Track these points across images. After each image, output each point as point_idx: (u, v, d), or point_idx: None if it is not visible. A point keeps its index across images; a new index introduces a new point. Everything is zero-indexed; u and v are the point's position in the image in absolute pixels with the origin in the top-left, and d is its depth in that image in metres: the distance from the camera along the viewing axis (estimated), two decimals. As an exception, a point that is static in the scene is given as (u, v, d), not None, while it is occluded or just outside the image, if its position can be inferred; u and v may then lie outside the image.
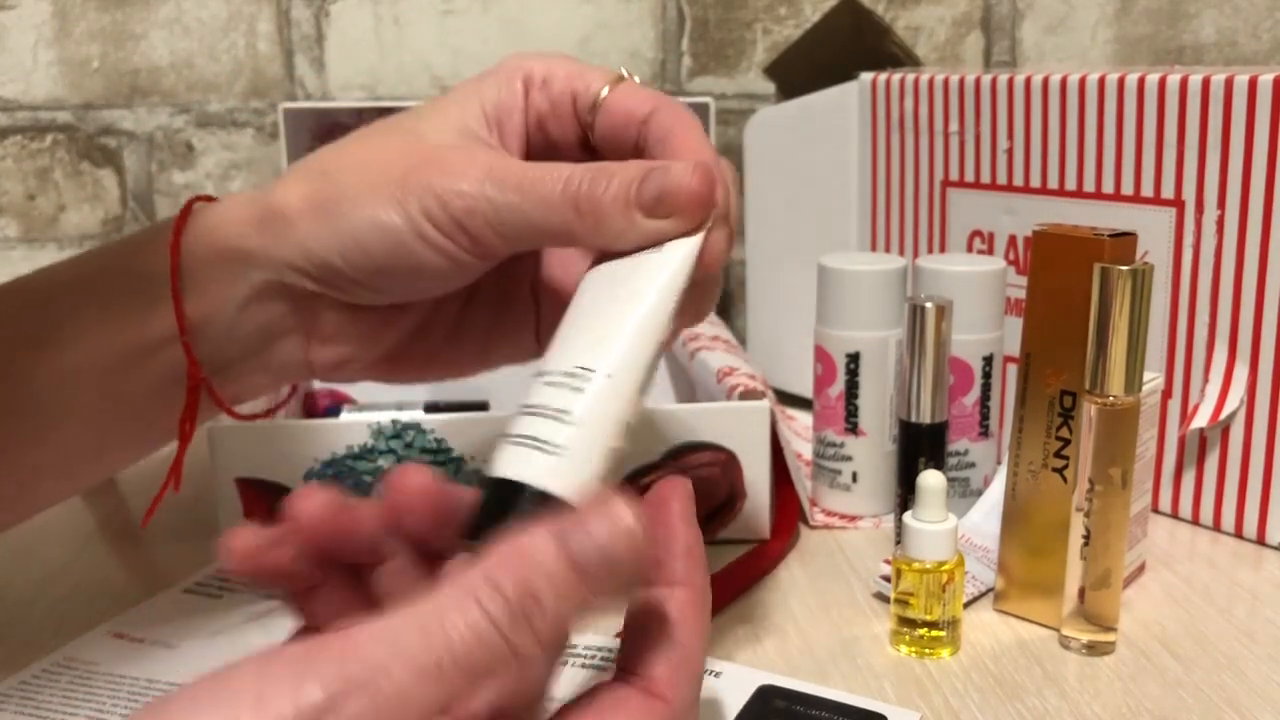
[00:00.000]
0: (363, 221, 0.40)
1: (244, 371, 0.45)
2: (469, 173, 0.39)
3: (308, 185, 0.41)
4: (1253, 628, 0.50)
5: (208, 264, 0.42)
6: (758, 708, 0.42)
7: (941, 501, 0.47)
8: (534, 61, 0.44)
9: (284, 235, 0.41)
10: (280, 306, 0.43)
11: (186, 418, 0.44)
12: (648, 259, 0.37)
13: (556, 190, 0.38)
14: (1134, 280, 0.44)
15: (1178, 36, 0.91)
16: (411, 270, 0.40)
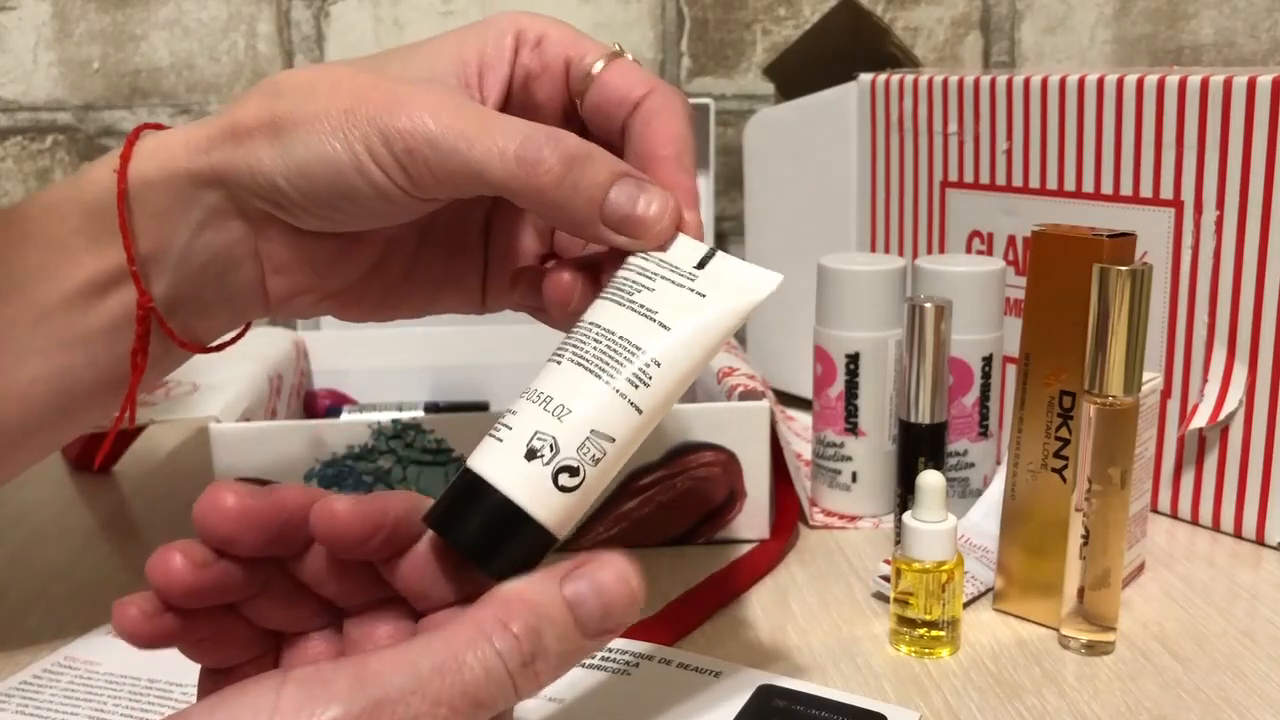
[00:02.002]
0: (307, 147, 0.39)
1: (202, 306, 0.44)
2: (417, 111, 0.38)
3: (262, 104, 0.40)
4: (1252, 627, 0.50)
5: (158, 188, 0.41)
6: (757, 707, 0.43)
7: (941, 501, 0.47)
8: (529, 20, 0.43)
9: (234, 153, 0.40)
10: (233, 231, 0.42)
11: (138, 348, 0.42)
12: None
13: (510, 146, 0.37)
14: (1133, 280, 0.44)
15: (1176, 37, 0.91)
16: (351, 202, 0.40)
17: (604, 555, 0.31)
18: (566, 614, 0.30)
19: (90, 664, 0.47)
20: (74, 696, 0.45)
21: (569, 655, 0.30)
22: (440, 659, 0.28)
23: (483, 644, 0.28)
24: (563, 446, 0.33)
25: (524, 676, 0.29)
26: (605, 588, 0.30)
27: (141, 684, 0.46)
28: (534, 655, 0.29)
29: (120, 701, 0.44)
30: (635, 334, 0.35)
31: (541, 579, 0.30)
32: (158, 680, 0.46)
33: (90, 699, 0.45)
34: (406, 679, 0.27)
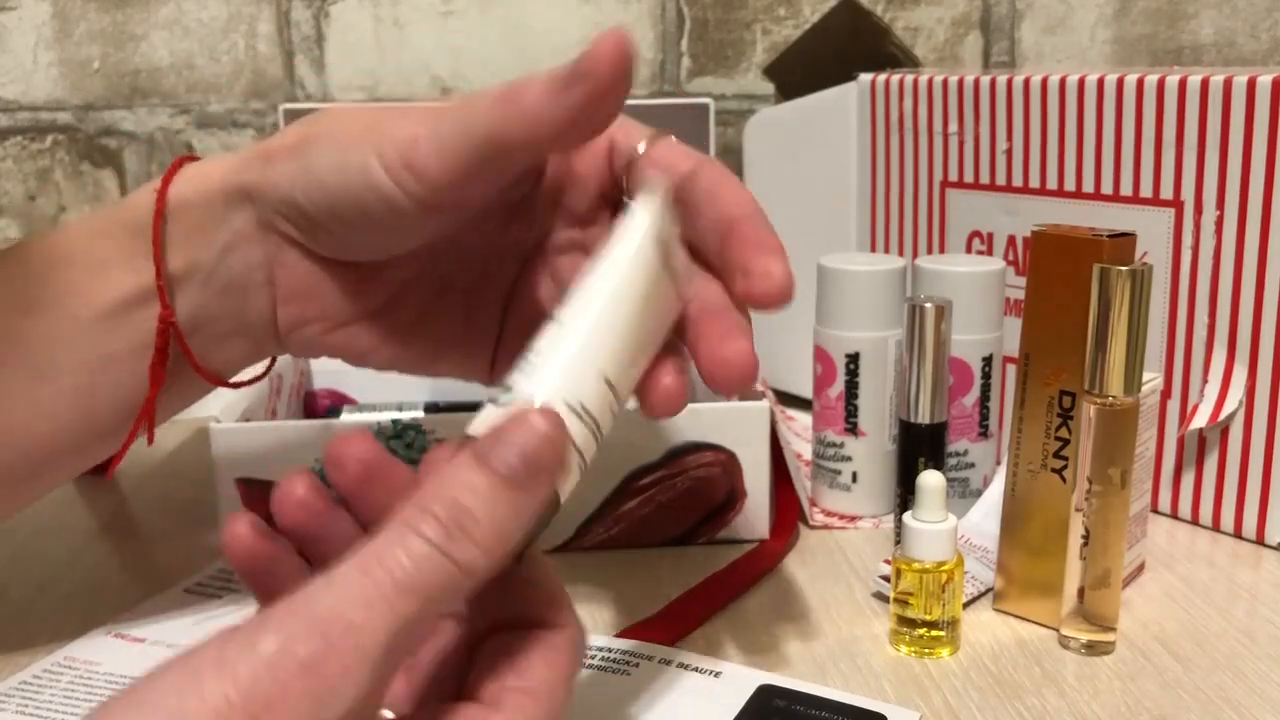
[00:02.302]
0: (324, 159, 0.40)
1: (220, 333, 0.44)
2: (420, 116, 0.39)
3: (297, 130, 0.42)
4: (1252, 627, 0.50)
5: (194, 208, 0.43)
6: (757, 707, 0.43)
7: (941, 501, 0.47)
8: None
9: (262, 170, 0.42)
10: (254, 255, 0.43)
11: (156, 361, 0.43)
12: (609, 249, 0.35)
13: (490, 97, 0.38)
14: (1133, 281, 0.44)
15: (1176, 37, 0.91)
16: (363, 215, 0.40)
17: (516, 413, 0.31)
18: (481, 472, 0.29)
19: (90, 664, 0.47)
20: (74, 696, 0.45)
21: (503, 513, 0.29)
22: (363, 562, 0.28)
23: (405, 535, 0.28)
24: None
25: (459, 549, 0.28)
26: (510, 432, 0.30)
27: (141, 684, 0.46)
28: (460, 524, 0.28)
29: (120, 701, 0.44)
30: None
31: (455, 458, 0.30)
32: (158, 680, 0.46)
33: (90, 699, 0.45)
34: (332, 593, 0.27)
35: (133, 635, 0.50)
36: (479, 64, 0.89)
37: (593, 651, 0.47)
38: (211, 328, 0.44)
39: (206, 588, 0.54)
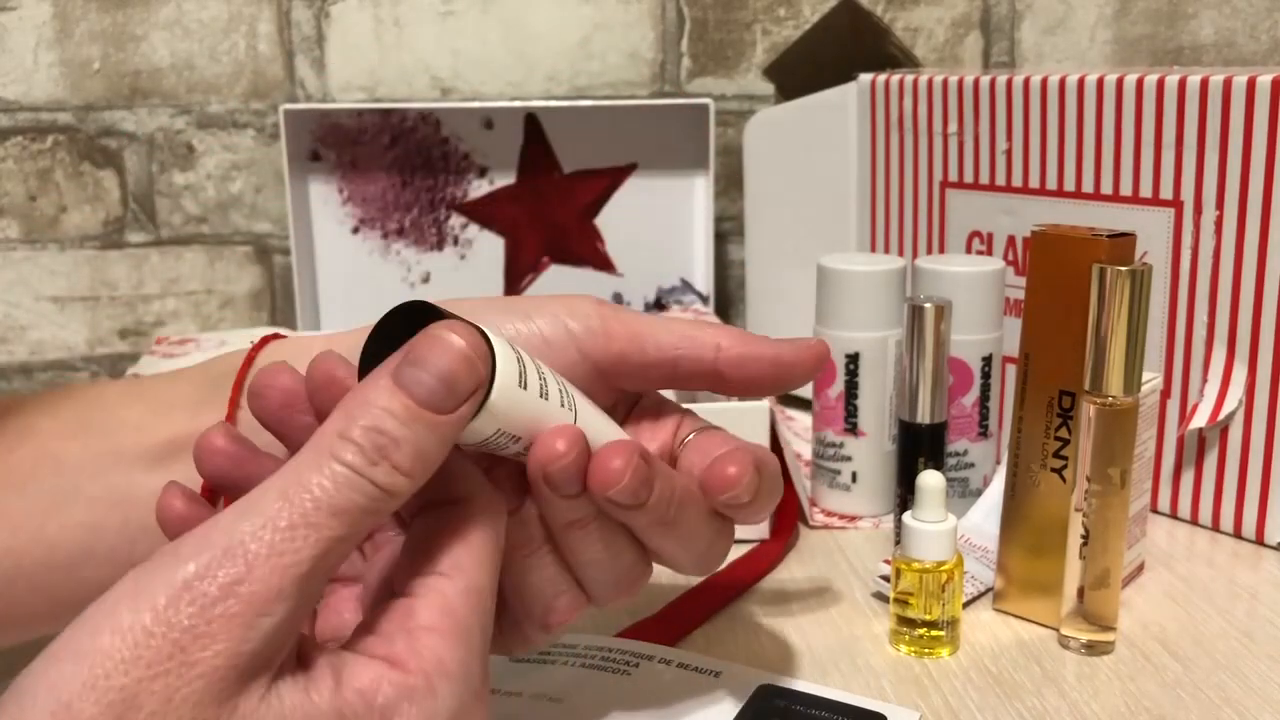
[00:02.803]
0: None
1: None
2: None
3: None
4: (1251, 627, 0.50)
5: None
6: (757, 707, 0.43)
7: (941, 501, 0.47)
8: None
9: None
10: None
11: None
12: None
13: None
14: (1133, 280, 0.44)
15: (1176, 37, 0.91)
16: None
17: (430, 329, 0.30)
18: (400, 397, 0.28)
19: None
20: (74, 696, 0.45)
21: (428, 438, 0.29)
22: (283, 488, 0.27)
23: (325, 460, 0.28)
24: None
25: (381, 473, 0.28)
26: (434, 358, 0.29)
27: (142, 684, 0.46)
28: (382, 449, 0.28)
29: (121, 701, 0.44)
30: None
31: (371, 376, 0.29)
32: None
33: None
34: (252, 518, 0.27)
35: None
36: (479, 65, 0.89)
37: (593, 651, 0.47)
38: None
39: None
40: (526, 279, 0.89)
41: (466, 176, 0.87)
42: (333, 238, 0.87)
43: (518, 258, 0.89)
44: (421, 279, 0.88)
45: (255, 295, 0.92)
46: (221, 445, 0.34)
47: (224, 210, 0.91)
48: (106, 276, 0.91)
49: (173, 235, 0.91)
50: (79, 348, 0.92)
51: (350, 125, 0.85)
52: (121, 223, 0.90)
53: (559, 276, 0.89)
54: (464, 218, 0.88)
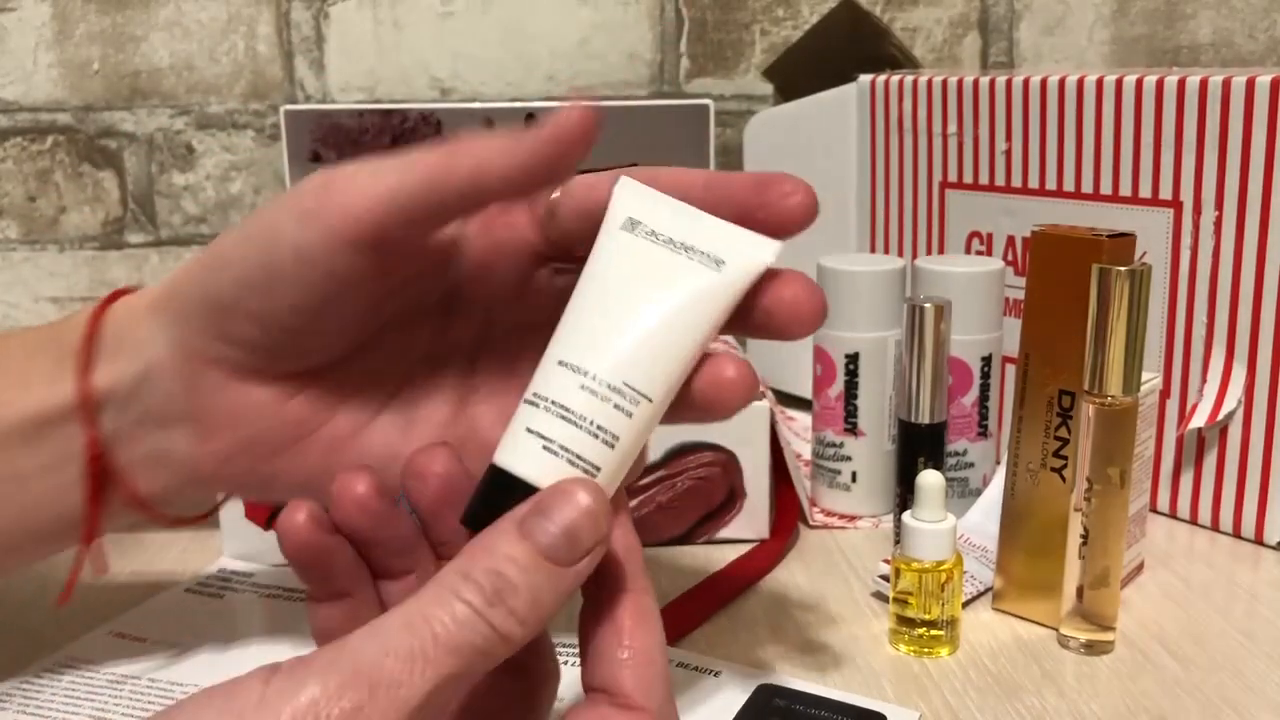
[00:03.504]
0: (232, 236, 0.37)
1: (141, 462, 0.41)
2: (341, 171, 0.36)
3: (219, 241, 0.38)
4: (1251, 627, 0.50)
5: (124, 328, 0.40)
6: (757, 707, 0.43)
7: (940, 501, 0.47)
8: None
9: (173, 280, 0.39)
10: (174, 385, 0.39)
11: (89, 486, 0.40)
12: (708, 276, 0.34)
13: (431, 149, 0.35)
14: (1132, 281, 0.44)
15: (1174, 37, 0.92)
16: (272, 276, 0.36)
17: (561, 483, 0.31)
18: (524, 546, 0.30)
19: (91, 664, 0.47)
20: (74, 696, 0.45)
21: (542, 586, 0.30)
22: (407, 618, 0.28)
23: (446, 595, 0.29)
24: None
25: (498, 616, 0.29)
26: (561, 512, 0.30)
27: (142, 684, 0.46)
28: (499, 593, 0.29)
29: (121, 701, 0.45)
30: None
31: (498, 524, 0.30)
32: (158, 680, 0.46)
33: (91, 699, 0.45)
34: (376, 644, 0.28)
35: (133, 635, 0.50)
36: (478, 65, 0.89)
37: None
38: (130, 456, 0.40)
39: (207, 588, 0.55)
40: (526, 279, 0.89)
41: (466, 177, 0.87)
42: (332, 238, 0.87)
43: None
44: (421, 279, 0.88)
45: (255, 296, 0.92)
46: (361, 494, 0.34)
47: (224, 211, 0.91)
48: (106, 277, 0.91)
49: (172, 236, 0.91)
50: (78, 348, 0.92)
51: (351, 126, 0.85)
52: (121, 223, 0.90)
53: (558, 277, 0.89)
54: (463, 218, 0.88)
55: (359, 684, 0.27)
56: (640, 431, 0.33)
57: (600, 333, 0.33)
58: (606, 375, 0.32)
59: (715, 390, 0.34)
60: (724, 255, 0.34)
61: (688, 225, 0.34)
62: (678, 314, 0.33)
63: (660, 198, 0.35)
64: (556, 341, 0.33)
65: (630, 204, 0.34)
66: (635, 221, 0.34)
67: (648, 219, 0.34)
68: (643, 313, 0.33)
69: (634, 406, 0.32)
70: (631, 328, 0.33)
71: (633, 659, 0.32)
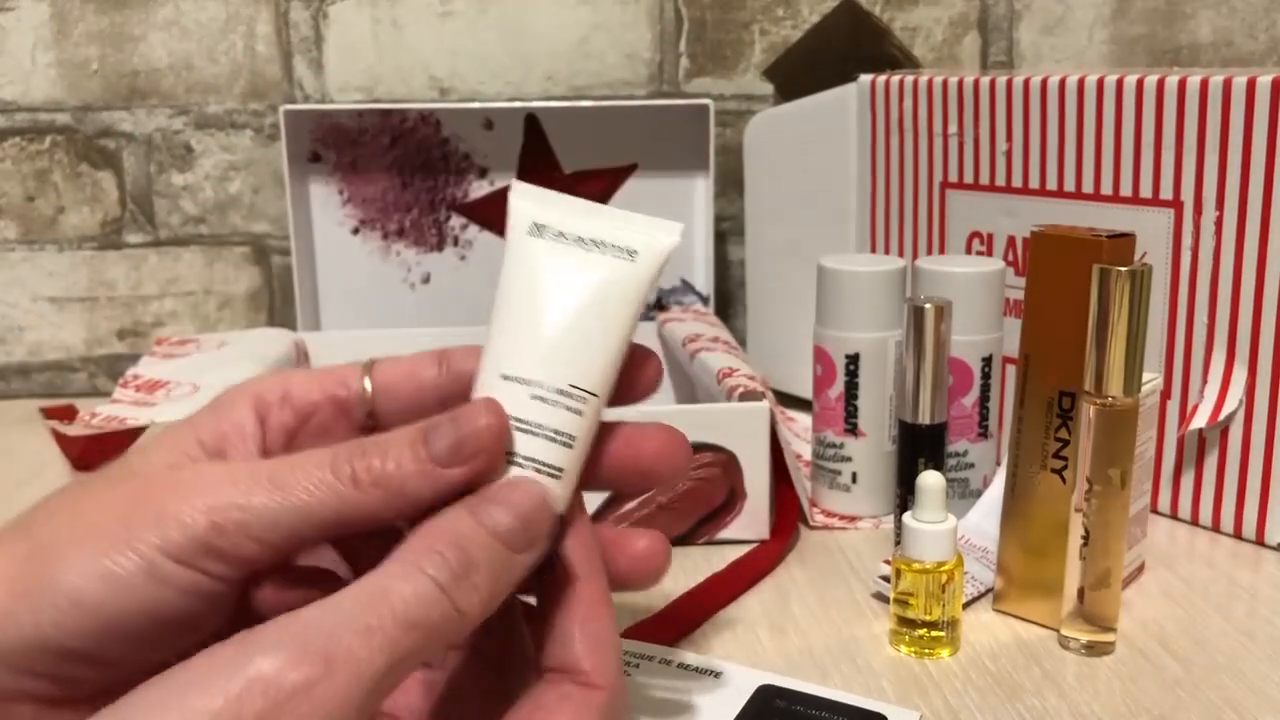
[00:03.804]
0: (80, 580, 0.29)
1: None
2: (205, 486, 0.31)
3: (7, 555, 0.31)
4: (1251, 628, 0.50)
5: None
6: (757, 707, 0.43)
7: (941, 502, 0.47)
8: (267, 383, 0.37)
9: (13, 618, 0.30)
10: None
11: None
12: (625, 268, 0.35)
13: (324, 474, 0.31)
14: (1132, 281, 0.44)
15: (1174, 37, 0.91)
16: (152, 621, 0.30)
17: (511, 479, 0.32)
18: (481, 530, 0.30)
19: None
20: (74, 698, 0.45)
21: (501, 570, 0.30)
22: (367, 592, 0.28)
23: (410, 570, 0.29)
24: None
25: (461, 590, 0.29)
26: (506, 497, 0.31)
27: (142, 685, 0.46)
28: (465, 569, 0.29)
29: (120, 703, 0.44)
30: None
31: (448, 510, 0.31)
32: (158, 681, 0.46)
33: (90, 700, 0.45)
34: (332, 618, 0.27)
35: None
36: (477, 65, 0.89)
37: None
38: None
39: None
40: (525, 279, 0.89)
41: (467, 177, 0.87)
42: (333, 238, 0.87)
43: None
44: (422, 279, 0.88)
45: (253, 296, 0.92)
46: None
47: (222, 211, 0.91)
48: (105, 277, 0.91)
49: (171, 236, 0.91)
50: (77, 349, 0.92)
51: (350, 126, 0.85)
52: (120, 223, 0.90)
53: (558, 277, 0.89)
54: (464, 218, 0.88)
55: (313, 658, 0.26)
56: (591, 426, 0.34)
57: (536, 341, 0.34)
58: (554, 381, 0.33)
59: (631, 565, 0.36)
60: (635, 245, 0.35)
61: (592, 221, 0.36)
62: (604, 309, 0.34)
63: (556, 197, 0.36)
64: (494, 355, 0.34)
65: (530, 209, 0.36)
66: (541, 225, 0.35)
67: (552, 221, 0.35)
68: (573, 314, 0.34)
69: (583, 405, 0.34)
70: (566, 331, 0.34)
71: (591, 641, 0.33)
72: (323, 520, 0.31)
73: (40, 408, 0.84)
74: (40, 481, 0.70)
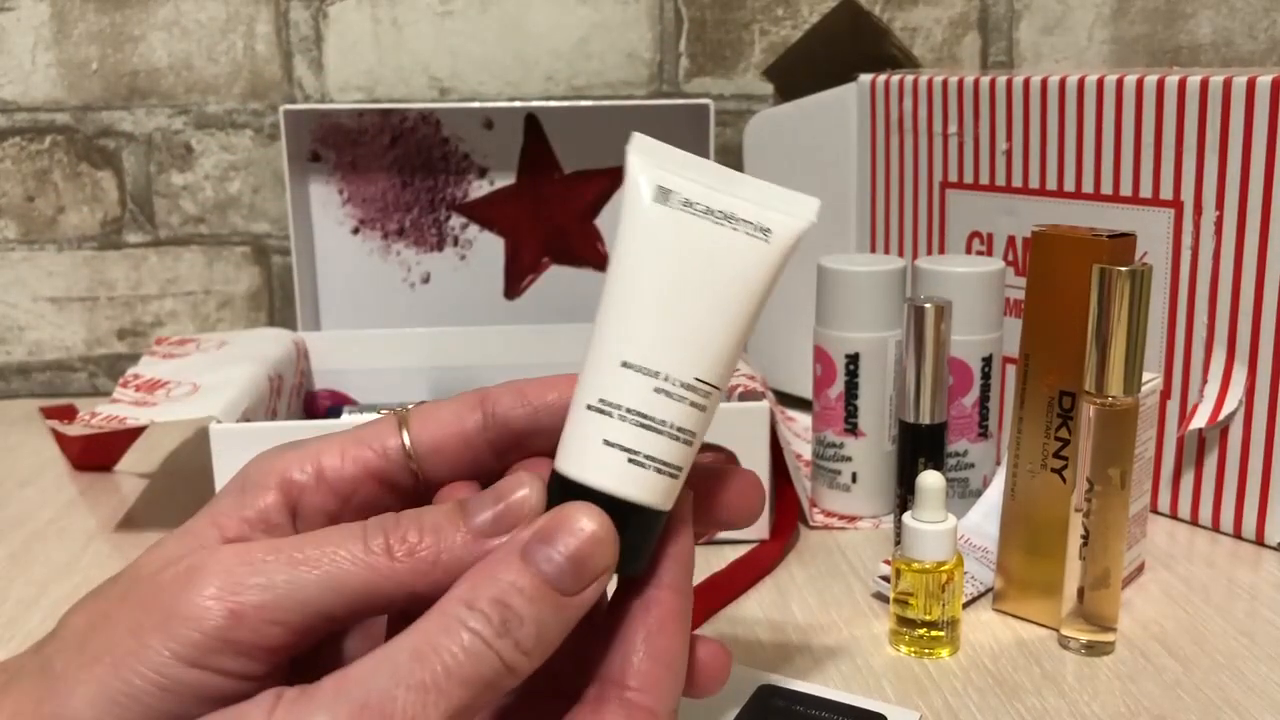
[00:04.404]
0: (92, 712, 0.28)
1: None
2: (218, 569, 0.29)
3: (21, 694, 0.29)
4: (1251, 628, 0.50)
5: None
6: (758, 708, 0.43)
7: (941, 502, 0.47)
8: (293, 458, 0.33)
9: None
10: None
11: None
12: (757, 249, 0.31)
13: (354, 546, 0.29)
14: (1133, 281, 0.44)
15: (1174, 37, 0.91)
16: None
17: (563, 508, 0.30)
18: (529, 576, 0.28)
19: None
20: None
21: (550, 616, 0.29)
22: (415, 647, 0.27)
23: (454, 624, 0.28)
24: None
25: (505, 646, 0.28)
26: (555, 531, 0.29)
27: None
28: (506, 624, 0.28)
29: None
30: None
31: (502, 549, 0.29)
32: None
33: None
34: (385, 675, 0.27)
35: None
36: (477, 65, 0.89)
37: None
38: None
39: (206, 589, 0.54)
40: (527, 279, 0.89)
41: (466, 177, 0.87)
42: (333, 238, 0.87)
43: (518, 258, 0.89)
44: (422, 279, 0.88)
45: (253, 296, 0.92)
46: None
47: (222, 210, 0.91)
48: (105, 277, 0.91)
49: (171, 236, 0.91)
50: (77, 348, 0.92)
51: (350, 126, 0.85)
52: (119, 223, 0.90)
53: (559, 277, 0.89)
54: (464, 218, 0.88)
55: (370, 715, 0.26)
56: (709, 420, 0.31)
57: (662, 327, 0.30)
58: (678, 373, 0.30)
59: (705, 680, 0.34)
60: (768, 222, 0.32)
61: (724, 190, 0.32)
62: (733, 294, 0.31)
63: (683, 158, 0.32)
64: (611, 339, 0.31)
65: (652, 170, 0.31)
66: (667, 191, 0.31)
67: (680, 187, 0.31)
68: (701, 299, 0.30)
69: (706, 400, 0.31)
70: (693, 318, 0.30)
71: (654, 656, 0.31)
72: (352, 595, 0.29)
73: (40, 407, 0.84)
74: (40, 481, 0.70)
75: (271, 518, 0.32)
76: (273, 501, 0.32)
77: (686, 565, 0.32)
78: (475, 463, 0.34)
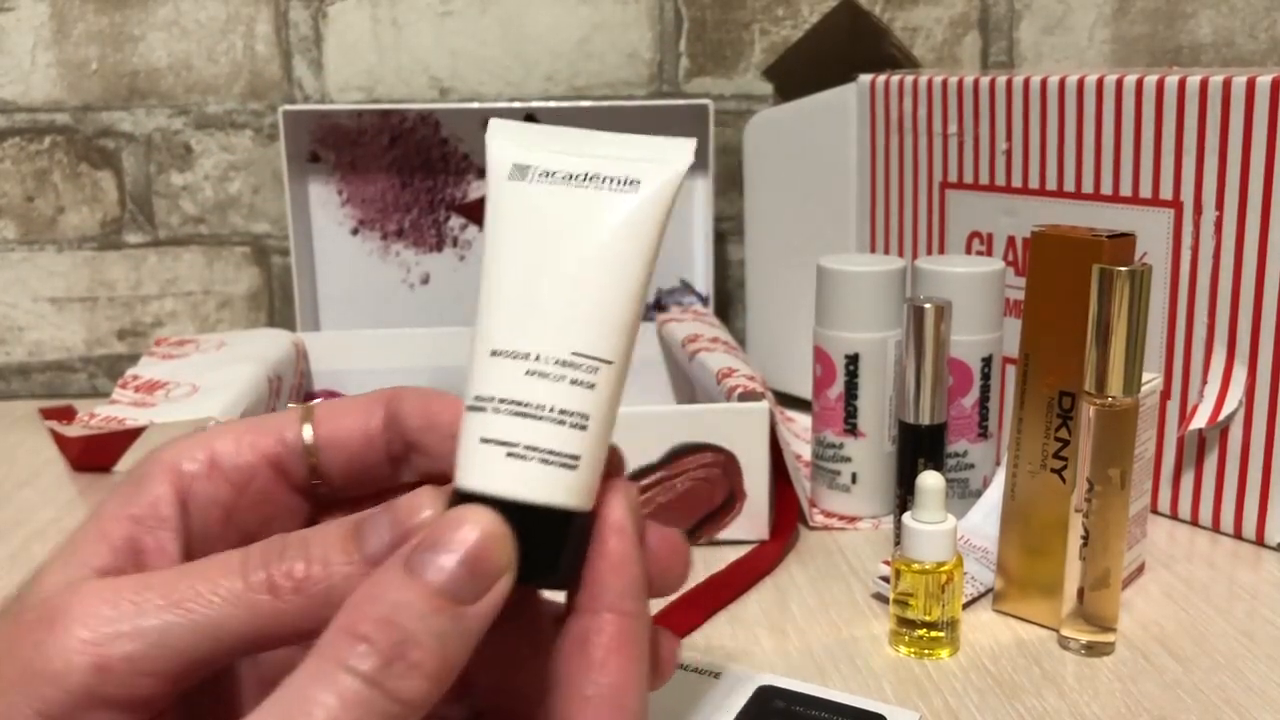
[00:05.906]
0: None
1: None
2: (83, 613, 0.26)
3: None
4: (1251, 628, 0.50)
5: None
6: (757, 708, 0.43)
7: (940, 502, 0.47)
8: (183, 447, 0.31)
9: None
10: None
11: None
12: (625, 201, 0.29)
13: (233, 583, 0.26)
14: (1132, 281, 0.44)
15: (1175, 37, 0.91)
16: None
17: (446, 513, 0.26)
18: (417, 589, 0.24)
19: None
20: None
21: (450, 630, 0.24)
22: (285, 710, 0.23)
23: (329, 668, 0.23)
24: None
25: (398, 676, 0.23)
26: (444, 538, 0.25)
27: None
28: (398, 648, 0.24)
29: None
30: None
31: (383, 566, 0.25)
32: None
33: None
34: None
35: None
36: (477, 65, 0.89)
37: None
38: None
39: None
40: (525, 279, 0.89)
41: (466, 177, 0.87)
42: (332, 239, 0.87)
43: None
44: (421, 280, 0.88)
45: (253, 296, 0.92)
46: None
47: (222, 211, 0.91)
48: (104, 277, 0.91)
49: (170, 236, 0.91)
50: (77, 349, 0.91)
51: (350, 126, 0.85)
52: (119, 223, 0.90)
53: (558, 277, 0.89)
54: (464, 218, 0.88)
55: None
56: (609, 400, 0.28)
57: (527, 305, 0.28)
58: (552, 351, 0.28)
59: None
60: (636, 173, 0.29)
61: (587, 152, 0.30)
62: (606, 255, 0.28)
63: (541, 131, 0.30)
64: (481, 330, 0.29)
65: (509, 149, 0.30)
66: (524, 167, 0.29)
67: (538, 160, 0.29)
68: (567, 267, 0.28)
69: (593, 375, 0.28)
70: (561, 290, 0.28)
71: (600, 698, 0.26)
72: (234, 639, 0.26)
73: (39, 408, 0.84)
74: (40, 482, 0.70)
75: (160, 510, 0.29)
76: (161, 494, 0.30)
77: (629, 579, 0.28)
78: (375, 468, 0.32)
